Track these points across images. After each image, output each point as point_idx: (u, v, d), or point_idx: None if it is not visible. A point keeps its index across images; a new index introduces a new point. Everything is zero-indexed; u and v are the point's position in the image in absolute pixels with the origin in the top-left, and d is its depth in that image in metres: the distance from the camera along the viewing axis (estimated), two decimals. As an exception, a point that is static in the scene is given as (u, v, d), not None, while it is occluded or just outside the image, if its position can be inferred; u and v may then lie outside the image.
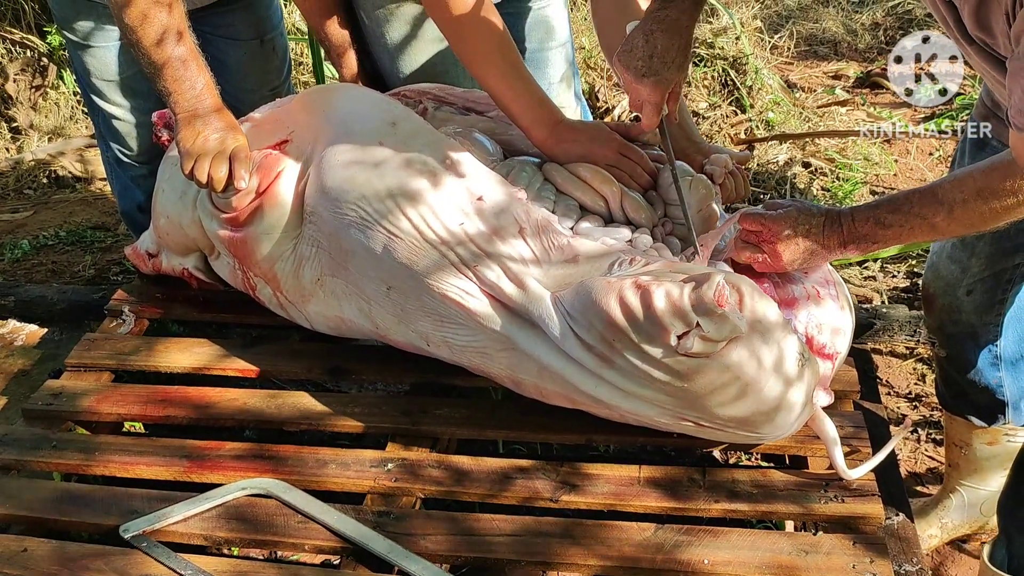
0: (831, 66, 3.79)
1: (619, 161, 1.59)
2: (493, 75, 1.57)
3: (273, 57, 2.14)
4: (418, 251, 1.44)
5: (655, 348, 1.28)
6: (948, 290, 1.59)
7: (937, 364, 1.75)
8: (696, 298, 1.25)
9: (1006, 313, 1.58)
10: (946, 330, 1.64)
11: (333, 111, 1.58)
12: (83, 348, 1.80)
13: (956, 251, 1.55)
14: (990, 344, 1.61)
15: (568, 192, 1.57)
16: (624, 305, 1.29)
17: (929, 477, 2.00)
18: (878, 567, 1.28)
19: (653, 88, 1.46)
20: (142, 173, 2.15)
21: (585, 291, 1.33)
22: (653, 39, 1.42)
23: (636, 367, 1.31)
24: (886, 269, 2.58)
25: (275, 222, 1.59)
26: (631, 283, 1.30)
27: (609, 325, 1.30)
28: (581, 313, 1.33)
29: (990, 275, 1.54)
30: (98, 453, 1.56)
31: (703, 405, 1.33)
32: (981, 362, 1.62)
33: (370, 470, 1.49)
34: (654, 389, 1.33)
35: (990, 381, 1.64)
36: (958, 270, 1.56)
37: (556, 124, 1.60)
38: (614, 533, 1.36)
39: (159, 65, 1.58)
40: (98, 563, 1.34)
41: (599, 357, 1.34)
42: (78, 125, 3.64)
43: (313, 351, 1.77)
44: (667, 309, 1.26)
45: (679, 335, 1.26)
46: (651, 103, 1.48)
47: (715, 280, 1.25)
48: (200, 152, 1.55)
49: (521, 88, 1.58)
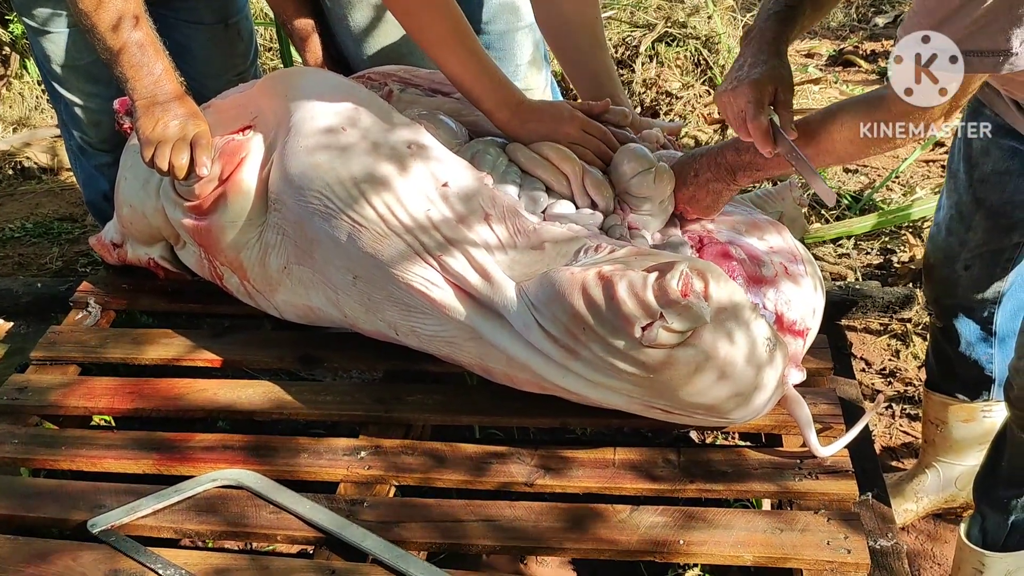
0: (804, 44, 3.79)
1: (582, 138, 1.58)
2: (452, 60, 1.55)
3: (238, 41, 2.10)
4: (383, 240, 1.42)
5: (619, 340, 1.27)
6: (947, 263, 1.59)
7: (930, 335, 1.75)
8: (659, 288, 1.24)
9: (1004, 291, 1.59)
10: (942, 302, 1.64)
11: (296, 95, 1.55)
12: (48, 341, 1.77)
13: (954, 223, 1.56)
14: (984, 320, 1.61)
15: (532, 171, 1.55)
16: (587, 297, 1.27)
17: (904, 452, 2.01)
18: (852, 542, 1.28)
19: (738, 94, 1.35)
20: (106, 161, 2.11)
21: (549, 282, 1.32)
22: (742, 57, 1.38)
23: (602, 359, 1.30)
24: (859, 246, 2.59)
25: (239, 210, 1.56)
26: (594, 274, 1.29)
27: (573, 317, 1.29)
28: (545, 305, 1.32)
29: (988, 251, 1.54)
30: (65, 447, 1.53)
31: (671, 394, 1.32)
32: (973, 337, 1.63)
33: (343, 459, 1.47)
34: (621, 380, 1.32)
35: (980, 356, 1.65)
36: (956, 243, 1.57)
37: (518, 105, 1.58)
38: (590, 516, 1.35)
39: (115, 51, 1.55)
40: (66, 559, 1.32)
41: (565, 349, 1.33)
42: (43, 115, 3.57)
43: (284, 340, 1.75)
44: (630, 301, 1.25)
45: (643, 327, 1.25)
46: (749, 104, 1.34)
47: (679, 269, 1.24)
48: (160, 139, 1.52)
49: (480, 71, 1.56)
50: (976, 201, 1.51)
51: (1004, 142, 1.44)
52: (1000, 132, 1.43)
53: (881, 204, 2.70)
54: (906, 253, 2.50)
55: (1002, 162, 1.46)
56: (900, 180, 2.84)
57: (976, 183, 1.50)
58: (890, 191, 2.80)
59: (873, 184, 2.82)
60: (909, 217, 2.55)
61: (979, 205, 1.51)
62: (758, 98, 1.32)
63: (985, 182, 1.49)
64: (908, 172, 2.87)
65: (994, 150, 1.45)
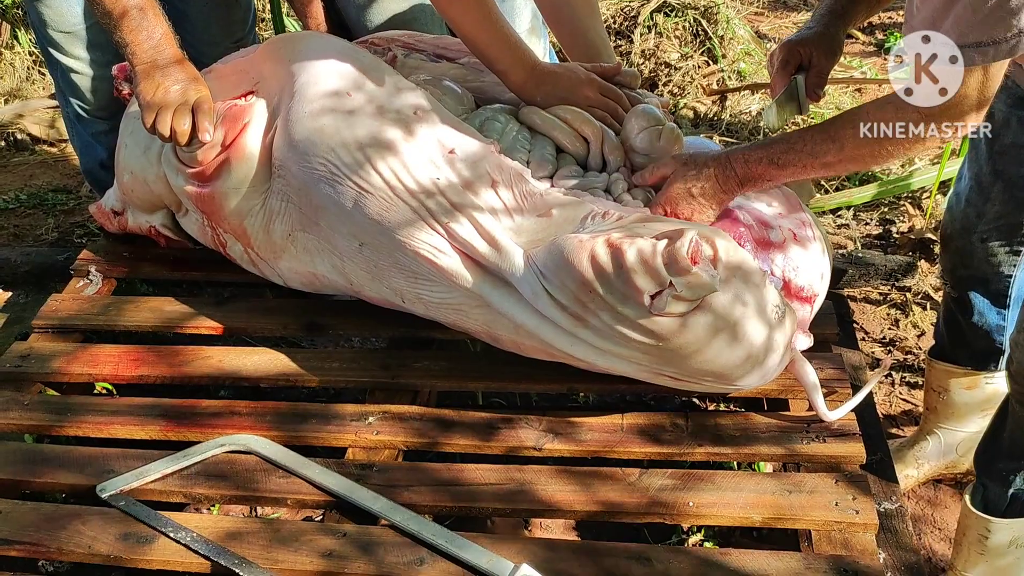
0: (801, 16, 3.77)
1: (600, 101, 1.58)
2: (468, 19, 1.53)
3: (236, 8, 2.08)
4: (389, 206, 1.41)
5: (628, 308, 1.27)
6: (963, 234, 1.59)
7: (943, 304, 1.76)
8: (669, 256, 1.23)
9: (1019, 265, 1.59)
10: (957, 272, 1.65)
11: (300, 59, 1.53)
12: (50, 309, 1.76)
13: (973, 194, 1.56)
14: (998, 293, 1.62)
15: (548, 133, 1.54)
16: (596, 264, 1.27)
17: (904, 419, 2.03)
18: (860, 503, 1.29)
19: (776, 51, 1.47)
20: (103, 129, 2.09)
21: (557, 250, 1.31)
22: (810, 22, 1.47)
23: (610, 327, 1.30)
24: (859, 217, 2.59)
25: (243, 176, 1.55)
26: (603, 241, 1.28)
27: (581, 285, 1.28)
28: (554, 272, 1.31)
29: (1005, 225, 1.54)
30: (71, 414, 1.52)
31: (680, 361, 1.32)
32: (986, 308, 1.64)
33: (351, 424, 1.47)
34: (630, 348, 1.32)
35: (992, 328, 1.65)
36: (974, 214, 1.56)
37: (533, 67, 1.57)
38: (599, 479, 1.36)
39: (115, 16, 1.52)
40: (76, 523, 1.32)
41: (573, 317, 1.32)
42: (36, 86, 3.53)
43: (288, 307, 1.74)
44: (639, 268, 1.24)
45: (652, 295, 1.25)
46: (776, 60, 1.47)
47: (688, 236, 1.24)
48: (161, 104, 1.50)
49: (497, 32, 1.54)
50: (995, 172, 1.51)
51: (1023, 114, 1.44)
52: (1020, 104, 1.43)
53: (880, 175, 2.70)
54: (905, 224, 2.50)
55: (1021, 134, 1.45)
56: (899, 151, 2.84)
57: (996, 155, 1.50)
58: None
59: (872, 155, 2.83)
60: (909, 187, 2.55)
61: (998, 176, 1.51)
62: (784, 59, 1.43)
63: (1005, 154, 1.48)
64: (907, 143, 2.87)
65: (1014, 122, 1.45)
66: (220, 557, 1.25)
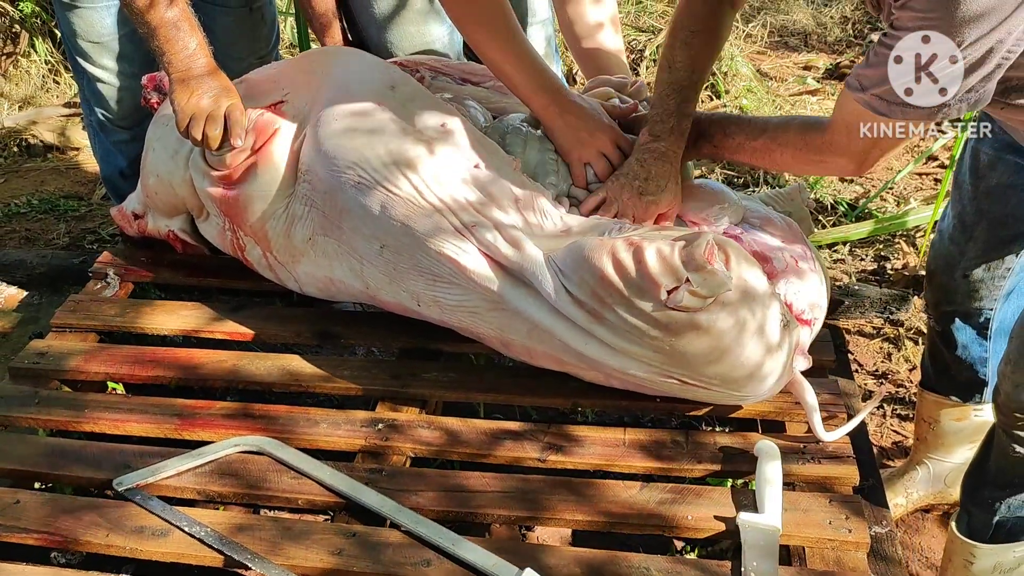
0: (801, 57, 3.87)
1: (612, 153, 1.60)
2: (494, 43, 1.55)
3: (261, 25, 2.14)
4: (415, 211, 1.47)
5: (645, 302, 1.33)
6: (947, 270, 1.65)
7: (928, 338, 1.81)
8: (687, 255, 1.30)
9: (1000, 300, 1.64)
10: (941, 307, 1.70)
11: (332, 73, 1.59)
12: (68, 309, 1.80)
13: (956, 233, 1.62)
14: (980, 326, 1.67)
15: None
16: (616, 261, 1.33)
17: (894, 450, 2.07)
18: (853, 523, 1.34)
19: (646, 208, 1.54)
20: (124, 138, 2.14)
21: (578, 248, 1.38)
22: (647, 165, 1.53)
23: (626, 321, 1.36)
24: (855, 252, 2.65)
25: (269, 180, 1.61)
26: (623, 241, 1.35)
27: (601, 280, 1.34)
28: (573, 270, 1.37)
29: (986, 262, 1.60)
30: (87, 410, 1.56)
31: (689, 362, 1.37)
32: (969, 342, 1.69)
33: (361, 430, 1.51)
34: (643, 345, 1.37)
35: (975, 360, 1.70)
36: (957, 252, 1.62)
37: (557, 91, 1.58)
38: (600, 491, 1.40)
39: (153, 27, 1.59)
40: (92, 515, 1.35)
41: (590, 313, 1.38)
42: (50, 95, 3.59)
43: (300, 316, 1.79)
44: (658, 264, 1.31)
45: (669, 290, 1.31)
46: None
47: (704, 239, 1.31)
48: (195, 111, 1.56)
49: (523, 55, 1.56)
50: (979, 212, 1.57)
51: (1010, 158, 1.50)
52: (1007, 148, 1.49)
53: (876, 213, 2.77)
54: (900, 260, 2.57)
55: (1007, 176, 1.52)
56: (894, 192, 2.91)
57: (981, 195, 1.56)
58: (884, 202, 2.87)
59: (868, 194, 2.90)
60: (905, 225, 2.62)
61: (982, 216, 1.57)
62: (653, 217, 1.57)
63: (990, 195, 1.55)
64: (902, 184, 2.95)
65: (1000, 165, 1.52)
66: (232, 551, 1.29)
